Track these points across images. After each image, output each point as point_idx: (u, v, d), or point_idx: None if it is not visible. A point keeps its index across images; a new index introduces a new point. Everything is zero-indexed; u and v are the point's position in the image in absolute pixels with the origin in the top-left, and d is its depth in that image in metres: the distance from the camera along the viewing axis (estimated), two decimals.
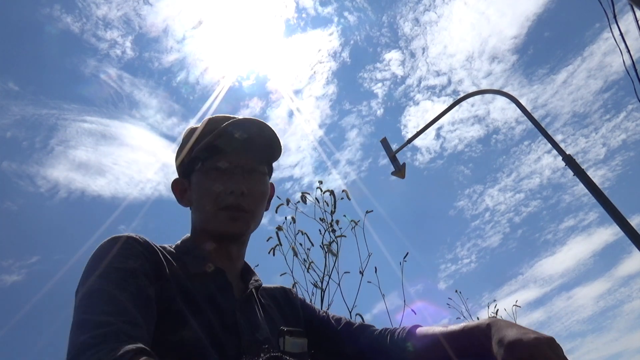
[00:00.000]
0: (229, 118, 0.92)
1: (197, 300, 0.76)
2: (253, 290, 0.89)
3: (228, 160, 0.88)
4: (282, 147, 0.94)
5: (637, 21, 3.29)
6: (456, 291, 3.46)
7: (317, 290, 2.33)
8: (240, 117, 0.93)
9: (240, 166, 0.88)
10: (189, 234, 0.92)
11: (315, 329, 0.95)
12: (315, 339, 0.93)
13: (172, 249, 0.85)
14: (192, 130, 0.95)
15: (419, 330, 0.86)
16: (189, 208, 0.94)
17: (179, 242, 0.89)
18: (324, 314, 0.99)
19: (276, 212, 2.27)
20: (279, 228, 2.25)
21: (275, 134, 0.93)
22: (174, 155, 0.99)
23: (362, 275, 2.31)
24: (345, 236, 2.36)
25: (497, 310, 3.38)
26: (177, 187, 0.95)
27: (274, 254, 2.18)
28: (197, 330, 0.71)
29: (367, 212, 2.41)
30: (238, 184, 0.85)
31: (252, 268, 0.95)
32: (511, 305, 3.44)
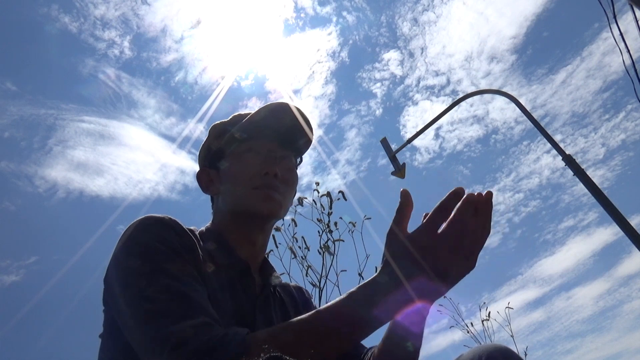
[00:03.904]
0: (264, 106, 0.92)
1: (217, 293, 0.75)
2: (272, 288, 0.88)
3: (262, 144, 0.89)
4: (312, 140, 0.95)
5: (636, 21, 3.28)
6: (444, 296, 3.43)
7: (316, 290, 2.32)
8: (280, 102, 0.92)
9: (274, 151, 0.89)
10: (210, 222, 0.91)
11: None
12: None
13: (198, 235, 0.83)
14: (218, 124, 0.97)
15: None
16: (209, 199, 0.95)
17: (202, 228, 0.87)
18: None
19: None
20: (277, 229, 2.24)
21: (311, 126, 0.93)
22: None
23: (362, 278, 2.31)
24: (343, 240, 2.35)
25: (489, 313, 3.35)
26: (203, 176, 0.95)
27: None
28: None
29: (365, 217, 2.40)
30: (272, 166, 0.86)
31: (271, 263, 0.94)
32: (504, 308, 3.40)
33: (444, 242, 0.55)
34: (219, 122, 0.99)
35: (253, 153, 0.88)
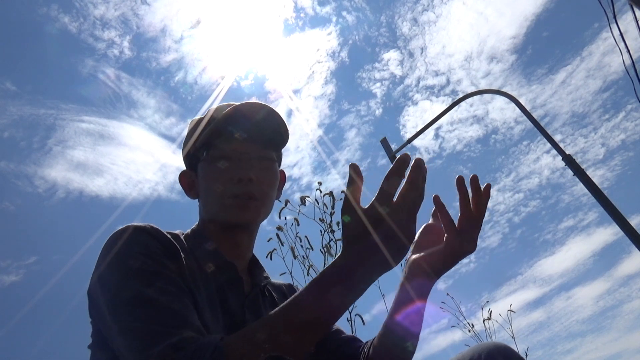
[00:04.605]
0: (232, 104, 0.88)
1: (206, 295, 0.74)
2: (261, 286, 0.87)
3: (233, 147, 0.84)
4: (289, 132, 0.91)
5: (636, 21, 3.29)
6: (447, 294, 3.41)
7: None
8: (245, 101, 0.89)
9: (247, 153, 0.84)
10: (197, 224, 0.89)
11: None
12: None
13: (183, 239, 0.82)
14: (197, 121, 0.93)
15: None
16: (197, 200, 0.92)
17: (189, 231, 0.87)
18: None
19: (279, 216, 2.25)
20: (279, 228, 2.24)
21: (282, 119, 0.88)
22: (180, 149, 0.97)
23: None
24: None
25: (491, 312, 3.35)
26: (185, 179, 0.92)
27: (271, 258, 2.17)
28: (207, 328, 0.69)
29: None
30: (246, 171, 0.82)
31: (260, 262, 0.93)
32: (506, 310, 3.40)
33: (404, 209, 0.54)
34: (195, 119, 0.94)
35: (224, 159, 0.83)
